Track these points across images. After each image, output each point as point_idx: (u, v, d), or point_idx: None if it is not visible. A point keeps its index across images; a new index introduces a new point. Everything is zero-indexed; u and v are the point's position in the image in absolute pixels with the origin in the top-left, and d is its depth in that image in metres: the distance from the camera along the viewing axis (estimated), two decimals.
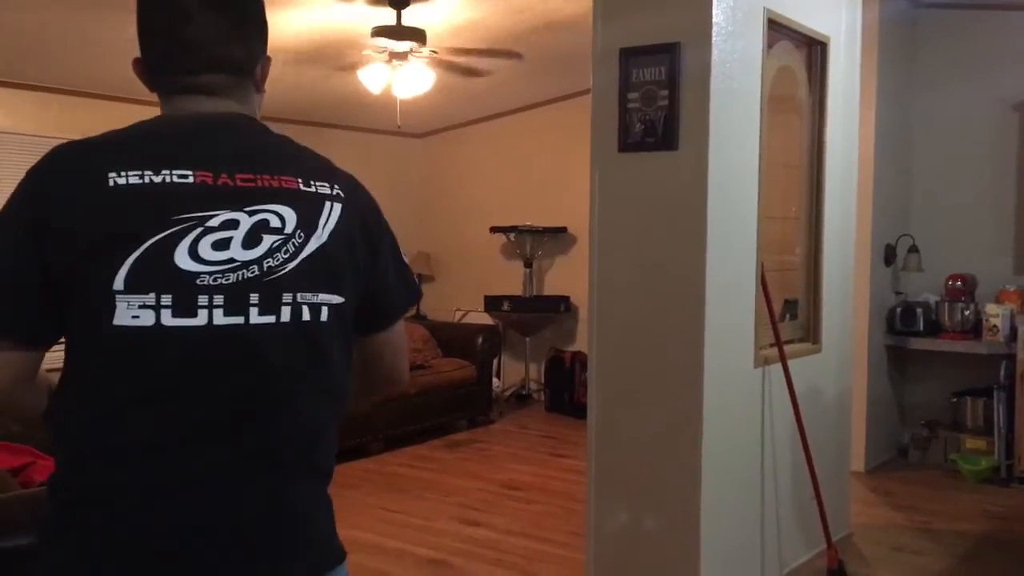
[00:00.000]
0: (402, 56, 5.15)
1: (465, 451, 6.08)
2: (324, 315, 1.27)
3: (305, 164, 1.32)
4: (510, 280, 7.53)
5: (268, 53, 1.38)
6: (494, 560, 4.05)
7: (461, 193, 7.95)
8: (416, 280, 1.45)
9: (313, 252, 1.25)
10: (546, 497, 4.99)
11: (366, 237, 1.33)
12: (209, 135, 1.27)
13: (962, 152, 5.75)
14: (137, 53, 1.32)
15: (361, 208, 1.34)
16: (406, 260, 1.45)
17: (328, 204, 1.29)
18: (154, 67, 1.31)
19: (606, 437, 3.40)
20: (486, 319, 7.42)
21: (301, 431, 1.27)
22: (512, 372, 7.70)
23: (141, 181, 1.18)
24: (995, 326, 5.31)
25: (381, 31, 4.97)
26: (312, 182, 1.29)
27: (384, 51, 5.13)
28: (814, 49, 3.94)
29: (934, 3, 5.75)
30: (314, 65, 5.61)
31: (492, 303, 7.34)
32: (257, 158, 1.27)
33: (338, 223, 1.28)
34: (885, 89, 5.45)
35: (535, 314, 7.30)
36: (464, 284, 7.81)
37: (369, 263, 1.34)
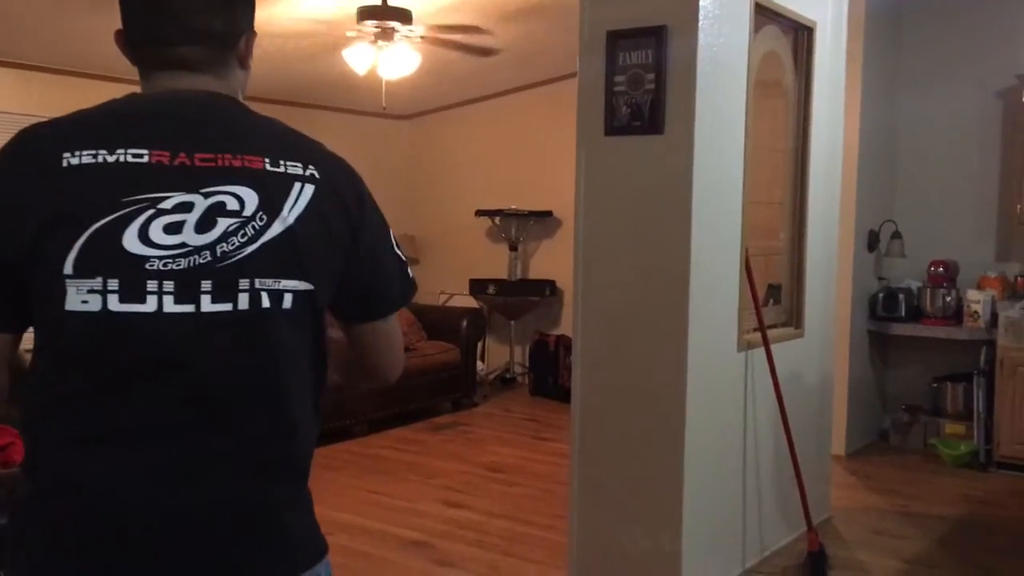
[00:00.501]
0: (387, 36, 5.12)
1: (449, 434, 6.09)
2: (287, 302, 1.20)
3: (278, 143, 1.25)
4: (495, 263, 7.53)
5: (255, 29, 1.34)
6: (475, 541, 4.07)
7: (447, 176, 7.93)
8: (412, 274, 1.36)
9: (276, 236, 1.18)
10: (529, 480, 5.01)
11: (346, 220, 1.26)
12: (173, 113, 1.22)
13: (946, 139, 5.78)
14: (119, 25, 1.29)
15: (341, 190, 1.27)
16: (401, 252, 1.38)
17: (298, 185, 1.21)
18: (134, 39, 1.26)
19: (590, 420, 3.42)
20: (471, 302, 7.42)
21: (264, 424, 1.20)
22: (496, 355, 7.71)
23: (94, 160, 1.14)
24: (976, 312, 5.35)
25: (367, 11, 4.94)
26: (282, 162, 1.22)
27: (371, 32, 5.09)
28: (800, 34, 3.94)
29: None
30: (299, 45, 5.56)
31: (477, 286, 7.34)
32: (221, 137, 1.21)
33: (308, 205, 1.21)
34: (870, 76, 5.46)
35: (520, 298, 7.31)
36: (449, 267, 7.81)
37: (350, 248, 1.27)
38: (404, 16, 5.01)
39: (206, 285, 1.15)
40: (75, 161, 1.14)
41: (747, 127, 3.46)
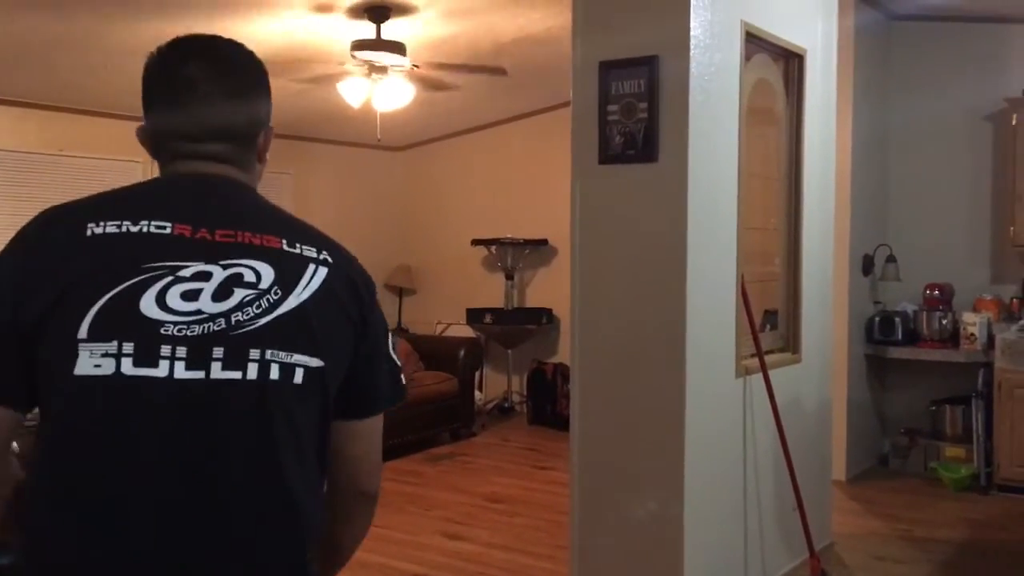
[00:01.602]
0: (382, 70, 5.16)
1: (448, 465, 6.06)
2: (298, 377, 1.20)
3: (294, 228, 1.29)
4: (492, 292, 7.53)
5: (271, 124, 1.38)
6: (476, 574, 4.04)
7: (442, 206, 7.95)
8: (404, 381, 1.39)
9: (291, 310, 1.20)
10: (529, 510, 4.99)
11: (357, 305, 1.28)
12: (197, 193, 1.27)
13: (938, 162, 5.82)
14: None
15: (352, 277, 1.30)
16: (396, 354, 1.40)
17: (312, 266, 1.25)
18: (157, 135, 1.31)
19: (589, 449, 3.40)
20: (468, 332, 7.41)
21: (265, 500, 1.19)
22: (494, 385, 7.69)
23: (118, 230, 1.17)
24: (973, 334, 5.36)
25: (361, 45, 4.98)
26: (298, 244, 1.25)
27: (364, 65, 5.13)
28: (791, 62, 3.98)
29: (906, 16, 5.82)
30: (294, 79, 5.60)
31: (474, 316, 7.34)
32: (241, 217, 1.25)
33: (322, 285, 1.24)
34: (861, 101, 5.51)
35: (517, 326, 7.31)
36: (446, 297, 7.81)
37: (359, 333, 1.28)
38: (398, 50, 5.05)
39: (217, 352, 1.16)
40: (99, 231, 1.18)
41: (740, 154, 3.48)
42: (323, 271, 1.25)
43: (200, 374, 1.15)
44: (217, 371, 1.15)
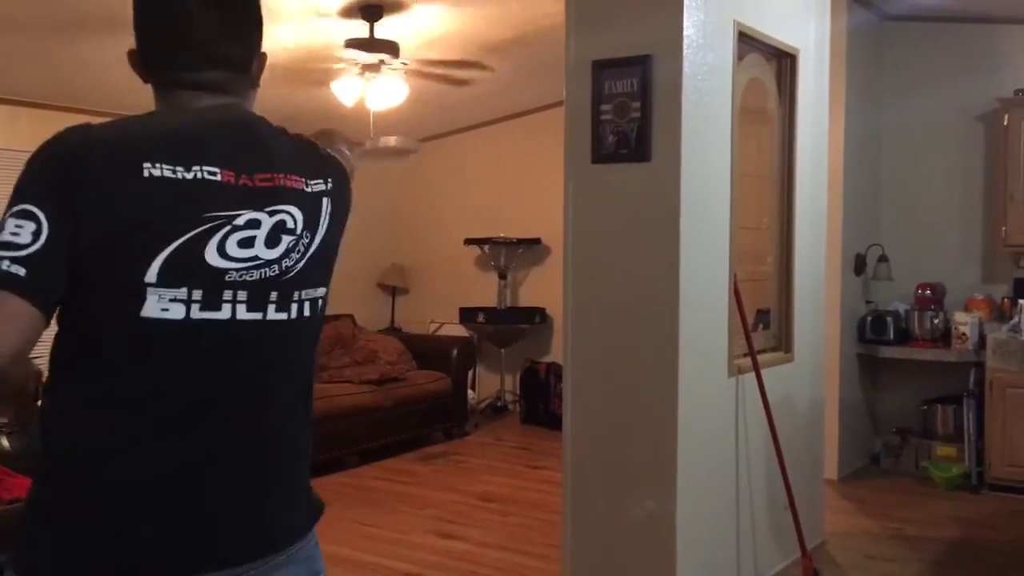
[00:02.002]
0: (375, 68, 5.15)
1: (441, 464, 6.06)
2: (317, 308, 1.36)
3: (307, 161, 1.36)
4: (485, 292, 7.53)
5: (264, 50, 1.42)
6: (469, 573, 4.03)
7: (435, 205, 7.95)
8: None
9: (315, 250, 1.32)
10: (522, 509, 4.99)
11: (344, 221, 1.41)
12: (229, 132, 1.30)
13: (929, 162, 5.83)
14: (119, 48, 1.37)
15: (344, 196, 1.41)
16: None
17: (325, 201, 1.35)
18: (152, 61, 1.33)
19: (582, 448, 3.41)
20: (461, 331, 7.41)
21: (298, 409, 1.37)
22: (487, 384, 7.69)
23: (174, 175, 1.21)
24: (964, 334, 5.38)
25: (354, 43, 4.97)
26: (312, 181, 1.34)
27: (357, 63, 5.12)
28: (783, 61, 3.98)
29: (899, 16, 5.84)
30: (287, 78, 5.59)
31: (467, 315, 7.34)
32: (270, 156, 1.31)
33: (331, 216, 1.36)
34: (853, 101, 5.52)
35: (510, 325, 7.31)
36: (439, 296, 7.81)
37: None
38: (392, 48, 5.04)
39: (273, 296, 1.28)
40: (156, 173, 1.20)
41: (733, 153, 3.49)
42: (328, 203, 1.36)
43: (258, 315, 1.26)
44: (272, 313, 1.28)
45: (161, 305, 1.19)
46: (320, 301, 1.36)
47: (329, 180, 1.37)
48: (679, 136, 3.17)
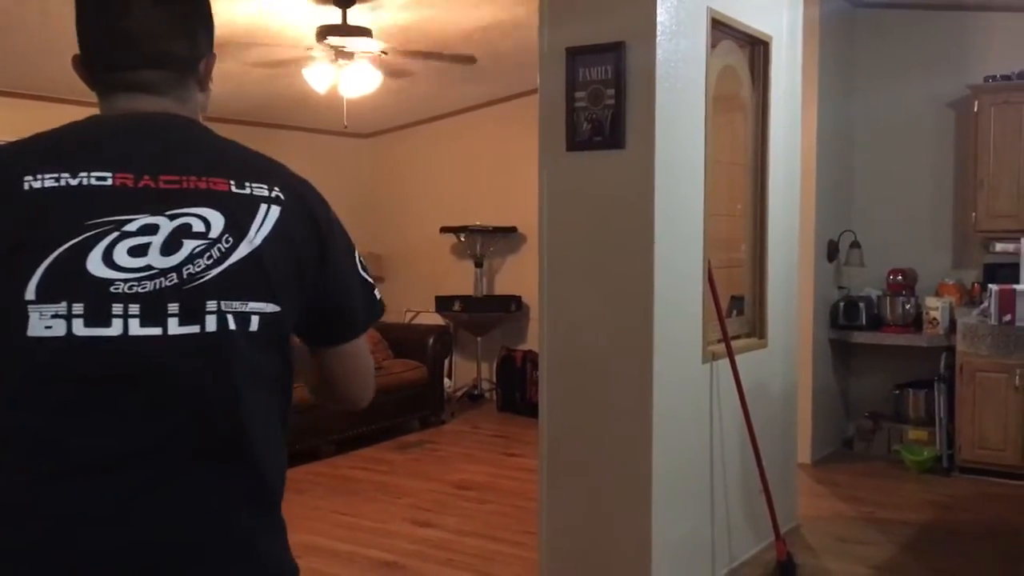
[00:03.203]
0: (348, 55, 5.12)
1: (417, 452, 6.06)
2: (254, 325, 1.18)
3: (243, 165, 1.24)
4: (461, 280, 7.52)
5: (214, 50, 1.33)
6: (446, 561, 4.04)
7: (410, 194, 7.92)
8: (379, 295, 1.37)
9: (243, 258, 1.17)
10: (498, 496, 5.00)
11: (314, 242, 1.25)
12: (136, 135, 1.21)
13: (901, 148, 5.88)
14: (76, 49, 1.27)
15: (308, 212, 1.25)
16: (367, 274, 1.37)
17: (264, 207, 1.20)
18: (93, 63, 1.25)
19: (557, 435, 3.42)
20: (437, 319, 7.40)
21: (231, 448, 1.18)
22: (464, 372, 7.69)
23: (57, 184, 1.12)
24: (935, 319, 5.44)
25: (327, 30, 4.93)
26: (247, 184, 1.21)
27: (330, 50, 5.09)
28: (756, 48, 4.00)
29: (871, 3, 5.87)
30: (259, 64, 5.54)
31: (443, 303, 7.33)
32: (185, 159, 1.20)
33: (276, 227, 1.20)
34: (826, 88, 5.55)
35: (486, 314, 7.31)
36: (414, 285, 7.79)
37: (317, 270, 1.25)
38: (364, 35, 5.01)
39: (173, 307, 1.13)
40: (37, 185, 1.12)
41: (707, 140, 3.50)
42: (276, 210, 1.21)
43: (157, 330, 1.12)
44: (175, 326, 1.13)
45: (44, 323, 1.09)
46: (264, 318, 1.18)
47: (277, 189, 1.22)
48: (653, 123, 3.17)
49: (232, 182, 1.20)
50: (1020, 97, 5.23)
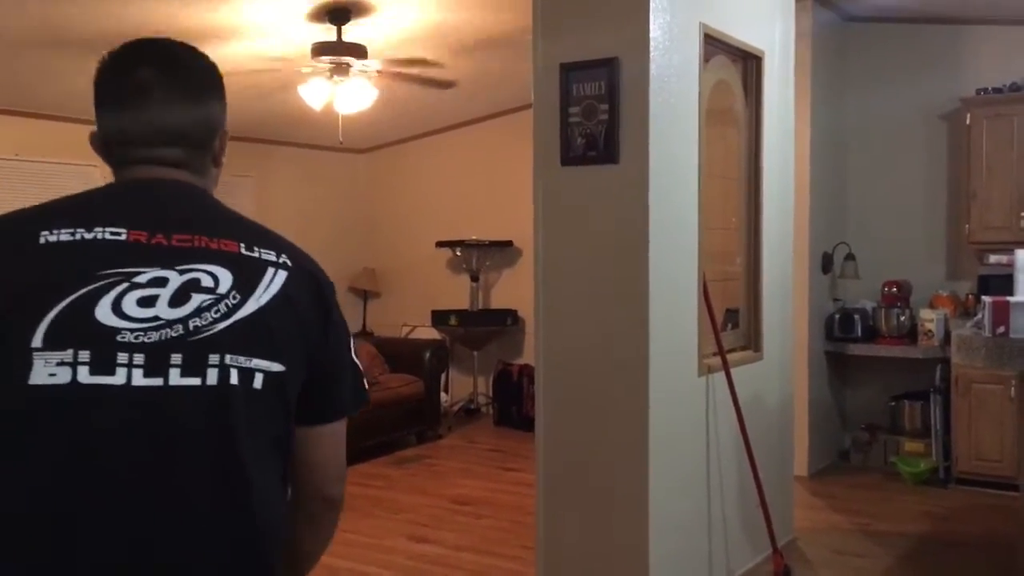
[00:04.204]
0: (343, 71, 5.14)
1: (414, 467, 6.05)
2: (258, 382, 1.19)
3: (253, 233, 1.28)
4: (457, 294, 7.53)
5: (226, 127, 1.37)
6: None
7: (406, 208, 7.94)
8: (365, 386, 1.37)
9: (250, 315, 1.19)
10: (495, 511, 4.99)
11: (317, 308, 1.27)
12: (151, 198, 1.25)
13: (894, 161, 5.91)
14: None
15: (312, 280, 1.28)
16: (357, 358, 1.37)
17: (271, 270, 1.24)
18: (110, 139, 1.29)
19: (554, 449, 3.42)
20: (433, 334, 7.40)
21: (227, 507, 1.17)
22: (460, 386, 7.68)
23: (72, 238, 1.16)
24: (930, 331, 5.45)
25: (322, 47, 4.96)
26: (256, 248, 1.24)
27: (326, 67, 5.11)
28: (749, 63, 4.02)
29: (862, 17, 5.91)
30: (255, 82, 5.56)
31: (439, 318, 7.33)
32: (198, 221, 1.24)
33: (282, 290, 1.23)
34: (819, 101, 5.59)
35: (482, 328, 7.31)
36: (411, 299, 7.79)
37: (320, 336, 1.27)
38: (359, 51, 5.03)
39: (176, 359, 1.14)
40: (53, 239, 1.16)
41: (700, 155, 3.51)
42: (282, 275, 1.24)
43: (158, 381, 1.13)
44: (176, 378, 1.14)
45: (48, 370, 1.10)
46: (268, 377, 1.19)
47: (285, 257, 1.26)
48: (647, 138, 3.19)
49: (242, 245, 1.24)
50: (1012, 109, 5.26)
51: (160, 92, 1.26)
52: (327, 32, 4.94)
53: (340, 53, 4.98)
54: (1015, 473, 4.99)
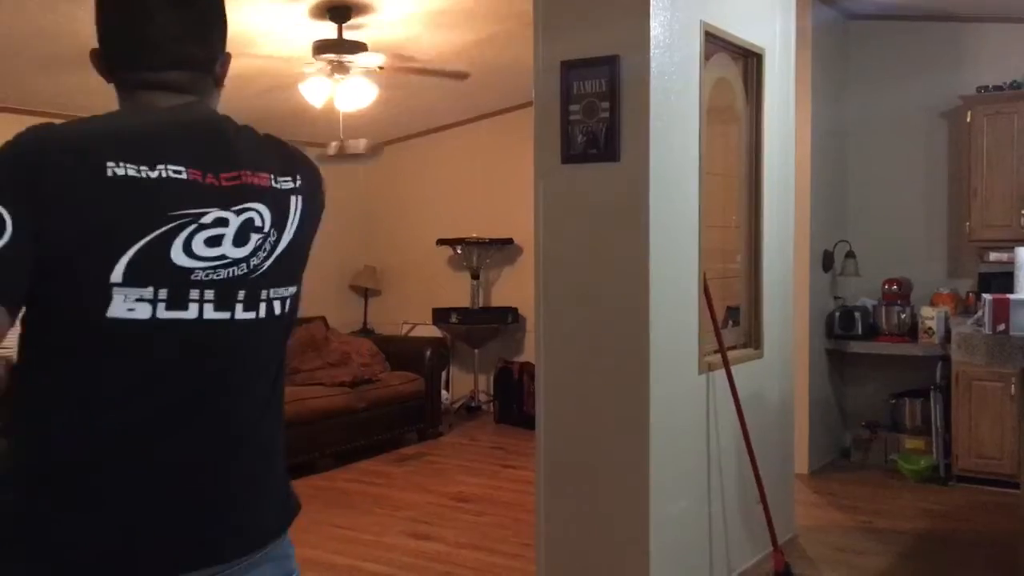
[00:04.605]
0: (344, 69, 5.14)
1: (415, 465, 6.05)
2: (287, 306, 1.35)
3: (274, 158, 1.36)
4: (457, 292, 7.53)
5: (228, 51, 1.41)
6: (444, 573, 4.04)
7: (406, 206, 7.94)
8: None
9: (284, 248, 1.32)
10: (496, 508, 5.00)
11: (316, 221, 1.41)
12: (192, 131, 1.30)
13: (895, 159, 5.91)
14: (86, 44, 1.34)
15: (317, 197, 1.40)
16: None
17: (293, 200, 1.34)
18: (114, 62, 1.32)
19: (554, 447, 3.42)
20: (434, 332, 7.41)
21: (264, 391, 1.35)
22: (461, 384, 7.69)
23: (138, 175, 1.20)
24: (930, 328, 5.45)
25: (323, 45, 4.96)
26: (281, 178, 1.33)
27: (327, 66, 5.11)
28: (750, 61, 4.02)
29: (863, 14, 5.91)
30: (255, 79, 5.56)
31: (440, 315, 7.33)
32: (235, 155, 1.30)
33: (300, 216, 1.35)
34: (819, 99, 5.58)
35: (483, 326, 7.31)
36: (411, 297, 7.80)
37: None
38: (360, 49, 5.03)
39: (240, 295, 1.27)
40: (120, 172, 1.19)
41: (701, 152, 3.51)
42: (299, 201, 1.35)
43: (226, 315, 1.26)
44: (240, 312, 1.27)
45: (127, 305, 1.18)
46: (289, 300, 1.36)
47: (298, 178, 1.36)
48: (647, 136, 3.19)
49: (272, 177, 1.32)
50: (1012, 107, 5.26)
51: (163, 15, 1.30)
52: (328, 30, 4.94)
53: (341, 51, 4.98)
54: (1015, 471, 4.99)
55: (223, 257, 1.24)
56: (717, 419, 3.69)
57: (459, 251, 7.54)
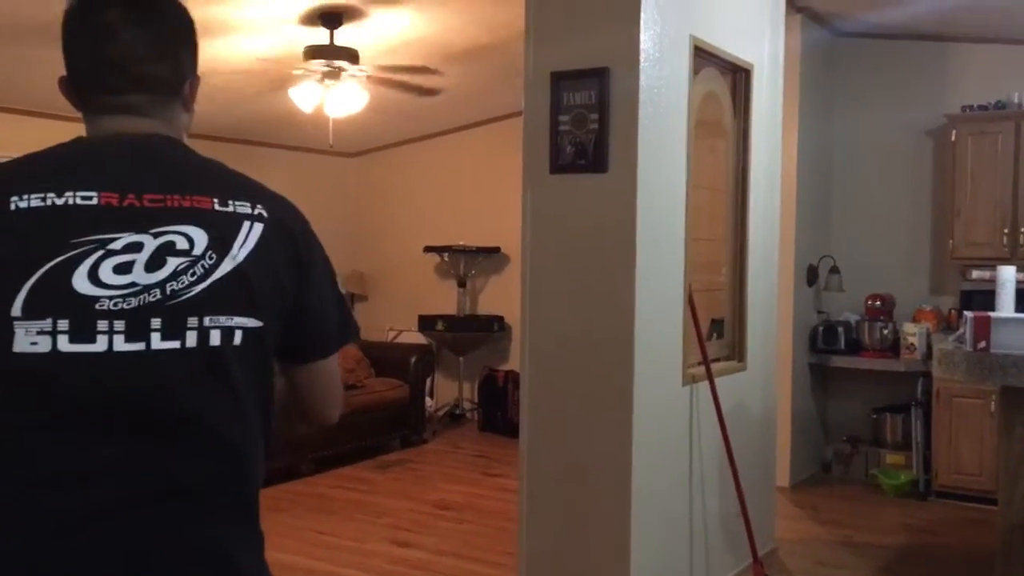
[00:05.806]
0: (334, 75, 5.15)
1: (397, 471, 6.04)
2: (237, 339, 1.21)
3: (226, 184, 1.27)
4: (444, 299, 7.54)
5: (199, 72, 1.36)
6: None
7: (394, 213, 7.94)
8: (353, 317, 1.40)
9: (227, 274, 1.20)
10: (478, 517, 5.00)
11: (294, 260, 1.28)
12: (121, 156, 1.24)
13: (880, 176, 5.96)
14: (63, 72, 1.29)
15: (288, 229, 1.28)
16: (343, 292, 1.40)
17: (247, 224, 1.23)
18: (80, 86, 1.28)
19: (538, 456, 3.43)
20: (419, 338, 7.41)
21: (212, 461, 1.20)
22: (445, 391, 7.69)
23: (43, 204, 1.15)
24: (912, 344, 5.49)
25: (314, 51, 4.96)
26: (230, 201, 1.24)
27: (317, 70, 5.11)
28: (739, 76, 4.05)
29: (851, 33, 5.97)
30: (245, 83, 5.56)
31: (426, 322, 7.34)
32: (169, 178, 1.23)
33: (258, 244, 1.23)
34: (806, 115, 5.63)
35: (469, 333, 7.32)
36: (397, 303, 7.80)
37: (296, 287, 1.28)
38: (352, 56, 5.04)
39: (155, 323, 1.16)
40: (23, 205, 1.14)
41: (688, 165, 3.54)
42: (258, 227, 1.24)
43: (140, 346, 1.15)
44: (157, 342, 1.16)
45: (29, 339, 1.12)
46: (247, 333, 1.21)
47: (259, 207, 1.25)
48: (636, 148, 3.21)
49: (215, 200, 1.22)
50: (996, 127, 5.32)
51: (128, 36, 1.25)
52: (319, 35, 4.95)
53: (332, 57, 4.99)
54: (994, 487, 5.03)
55: (132, 284, 1.15)
56: (700, 430, 3.70)
57: (446, 258, 7.55)
